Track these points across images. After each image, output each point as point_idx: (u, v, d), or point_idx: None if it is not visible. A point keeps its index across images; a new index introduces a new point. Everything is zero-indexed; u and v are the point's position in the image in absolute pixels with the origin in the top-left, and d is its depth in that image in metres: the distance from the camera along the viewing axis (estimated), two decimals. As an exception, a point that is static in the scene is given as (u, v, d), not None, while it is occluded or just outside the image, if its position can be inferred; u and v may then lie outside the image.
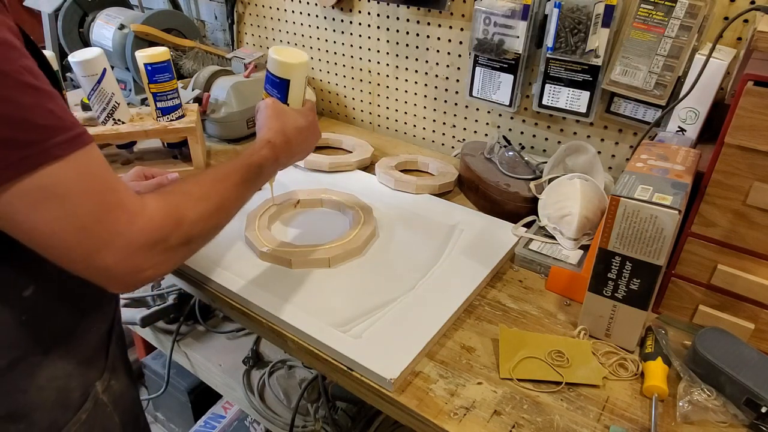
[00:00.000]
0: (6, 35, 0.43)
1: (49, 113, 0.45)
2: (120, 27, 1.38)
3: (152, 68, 1.04)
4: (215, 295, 0.82)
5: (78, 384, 0.63)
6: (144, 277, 0.52)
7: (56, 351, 0.60)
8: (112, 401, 0.67)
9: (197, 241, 0.57)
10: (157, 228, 0.51)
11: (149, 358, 1.59)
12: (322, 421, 1.15)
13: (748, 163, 0.63)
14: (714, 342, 0.66)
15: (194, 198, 0.57)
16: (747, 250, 0.67)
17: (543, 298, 0.81)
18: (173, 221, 0.53)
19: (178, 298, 1.37)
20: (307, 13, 1.37)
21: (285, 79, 0.78)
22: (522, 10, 0.98)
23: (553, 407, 0.64)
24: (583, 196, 0.87)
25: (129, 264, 0.50)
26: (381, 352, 0.68)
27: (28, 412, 0.58)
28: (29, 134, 0.44)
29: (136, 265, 0.51)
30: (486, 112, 1.19)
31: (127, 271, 0.50)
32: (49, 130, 0.45)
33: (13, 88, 0.43)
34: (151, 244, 0.51)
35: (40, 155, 0.44)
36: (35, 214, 0.46)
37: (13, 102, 0.43)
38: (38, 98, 0.45)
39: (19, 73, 0.43)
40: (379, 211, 0.99)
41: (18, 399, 0.57)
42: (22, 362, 0.56)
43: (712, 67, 0.77)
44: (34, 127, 0.44)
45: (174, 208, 0.54)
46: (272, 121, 0.74)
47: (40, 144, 0.44)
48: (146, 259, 0.51)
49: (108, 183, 0.49)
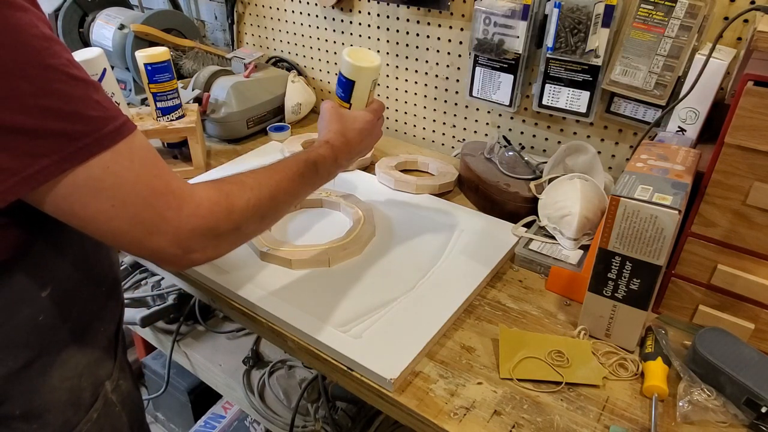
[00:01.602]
0: (47, 30, 0.44)
1: (97, 104, 0.46)
2: (120, 27, 1.38)
3: (152, 68, 1.04)
4: (215, 295, 0.82)
5: (89, 384, 0.63)
6: (195, 258, 0.54)
7: (68, 351, 0.60)
8: (120, 401, 0.68)
9: (247, 229, 0.59)
10: (205, 215, 0.53)
11: (149, 358, 1.59)
12: (322, 421, 1.15)
13: (748, 163, 0.63)
14: (714, 342, 0.66)
15: (246, 187, 0.58)
16: (747, 250, 0.67)
17: (543, 298, 0.81)
18: (223, 209, 0.54)
19: (178, 298, 1.36)
20: (307, 13, 1.37)
21: (351, 80, 0.79)
22: (522, 10, 0.98)
23: (553, 407, 0.64)
24: (583, 196, 0.87)
25: (179, 247, 0.52)
26: (381, 352, 0.68)
27: (42, 412, 0.58)
28: (81, 126, 0.45)
29: (187, 248, 0.52)
30: (486, 112, 1.19)
31: (177, 254, 0.52)
32: (98, 120, 0.46)
33: (63, 82, 0.44)
34: (201, 230, 0.52)
35: (92, 146, 0.45)
36: (90, 204, 0.47)
37: (64, 95, 0.44)
38: (85, 90, 0.46)
39: (65, 66, 0.44)
40: (379, 211, 0.99)
41: (32, 399, 0.57)
42: (37, 362, 0.57)
43: (712, 67, 0.77)
44: (84, 118, 0.45)
45: (224, 196, 0.55)
46: (332, 123, 0.77)
47: (91, 135, 0.45)
48: (196, 244, 0.53)
49: (156, 169, 0.50)
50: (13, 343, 0.54)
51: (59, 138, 0.44)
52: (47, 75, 0.43)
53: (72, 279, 0.59)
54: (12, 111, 0.42)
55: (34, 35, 0.43)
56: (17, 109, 0.42)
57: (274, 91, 1.33)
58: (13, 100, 0.42)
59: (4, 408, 0.55)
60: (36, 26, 0.43)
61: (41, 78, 0.43)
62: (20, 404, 0.56)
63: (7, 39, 0.41)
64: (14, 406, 0.56)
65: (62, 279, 0.58)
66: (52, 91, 0.43)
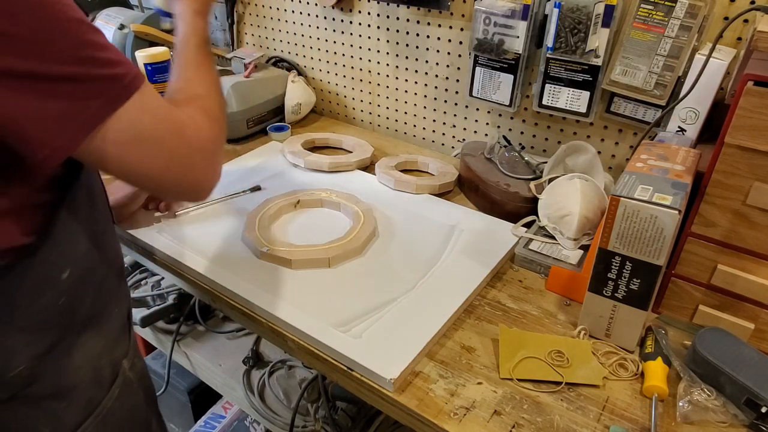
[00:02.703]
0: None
1: (118, 52, 0.50)
2: (120, 27, 1.38)
3: (152, 68, 1.05)
4: (215, 295, 0.82)
5: (108, 362, 0.66)
6: (220, 173, 0.62)
7: (88, 332, 0.62)
8: (137, 378, 0.72)
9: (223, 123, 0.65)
10: (208, 128, 0.59)
11: (149, 358, 1.59)
12: (322, 421, 1.15)
13: (748, 163, 0.63)
14: (714, 342, 0.66)
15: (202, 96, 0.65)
16: (747, 250, 0.67)
17: (543, 298, 0.81)
18: (209, 119, 0.61)
19: (178, 298, 1.36)
20: (307, 13, 1.37)
21: None
22: (522, 10, 0.98)
23: (553, 407, 0.64)
24: (583, 196, 0.87)
25: (210, 171, 0.60)
26: (381, 352, 0.68)
27: (70, 391, 0.61)
28: (119, 69, 0.49)
29: (215, 168, 0.61)
30: (486, 112, 1.19)
31: (210, 177, 0.60)
32: (128, 65, 0.50)
33: (92, 33, 0.47)
34: (217, 145, 0.60)
35: (130, 85, 0.49)
36: (125, 153, 0.51)
37: (97, 45, 0.47)
38: (107, 41, 0.49)
39: (86, 20, 0.48)
40: (379, 211, 0.99)
41: (60, 379, 0.60)
42: (61, 344, 0.59)
43: (712, 67, 0.77)
44: (117, 63, 0.49)
45: (201, 109, 0.61)
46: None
47: (126, 76, 0.49)
48: (218, 158, 0.61)
49: (168, 109, 0.55)
50: (39, 326, 0.56)
51: (103, 81, 0.47)
52: (80, 27, 0.46)
53: (87, 261, 0.61)
54: (58, 62, 0.45)
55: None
56: (63, 59, 0.45)
57: (274, 91, 1.33)
58: (58, 53, 0.44)
59: (35, 388, 0.57)
60: None
61: (75, 30, 0.46)
62: (49, 384, 0.59)
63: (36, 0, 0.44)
64: (44, 386, 0.58)
65: (78, 261, 0.59)
66: (86, 41, 0.46)
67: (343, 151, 1.25)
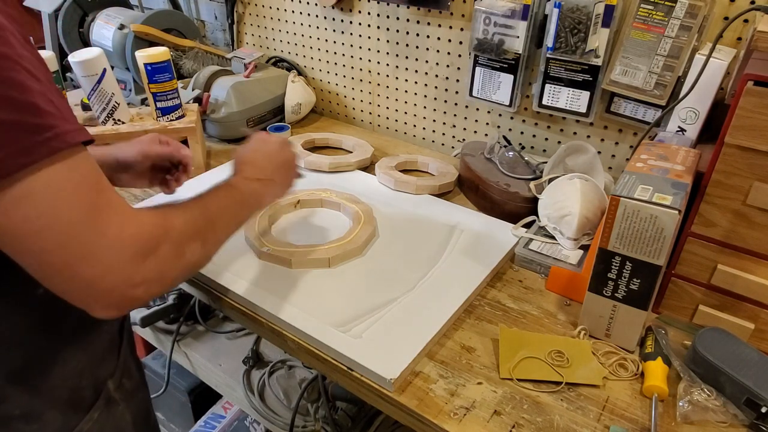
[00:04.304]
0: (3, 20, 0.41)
1: (51, 103, 0.43)
2: (120, 27, 1.38)
3: (152, 68, 1.04)
4: (215, 295, 0.82)
5: (89, 383, 0.63)
6: (135, 294, 0.47)
7: (69, 350, 0.60)
8: (123, 400, 0.68)
9: (191, 253, 0.54)
10: (148, 235, 0.47)
11: (149, 358, 1.59)
12: (322, 421, 1.15)
13: (748, 163, 0.63)
14: (714, 342, 0.66)
15: (179, 209, 0.55)
16: (747, 250, 0.67)
17: (543, 298, 0.81)
18: (162, 229, 0.50)
19: (178, 298, 1.37)
20: (307, 13, 1.37)
21: None
22: (522, 10, 0.98)
23: (553, 407, 0.64)
24: (583, 196, 0.87)
25: (118, 276, 0.45)
26: (381, 352, 0.68)
27: (42, 412, 0.58)
28: (35, 119, 0.41)
29: (127, 277, 0.45)
30: (486, 112, 1.19)
31: (115, 285, 0.45)
32: (56, 117, 0.43)
33: (16, 71, 0.40)
34: (143, 253, 0.46)
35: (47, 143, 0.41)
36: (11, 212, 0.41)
37: (18, 84, 0.40)
38: (43, 88, 0.43)
39: (20, 57, 0.41)
40: (379, 211, 0.99)
41: (32, 399, 0.57)
42: (36, 361, 0.56)
43: (712, 67, 0.77)
44: (39, 113, 0.42)
45: (162, 216, 0.51)
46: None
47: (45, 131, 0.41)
48: (138, 272, 0.46)
49: (99, 184, 0.46)
50: (9, 342, 0.54)
51: (14, 130, 0.40)
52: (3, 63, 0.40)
53: None
54: None
55: None
56: None
57: (274, 91, 1.33)
58: None
59: (4, 407, 0.55)
60: None
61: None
62: (20, 404, 0.56)
63: None
64: (14, 405, 0.56)
65: None
66: (3, 79, 0.40)
67: (343, 151, 1.25)
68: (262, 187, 0.72)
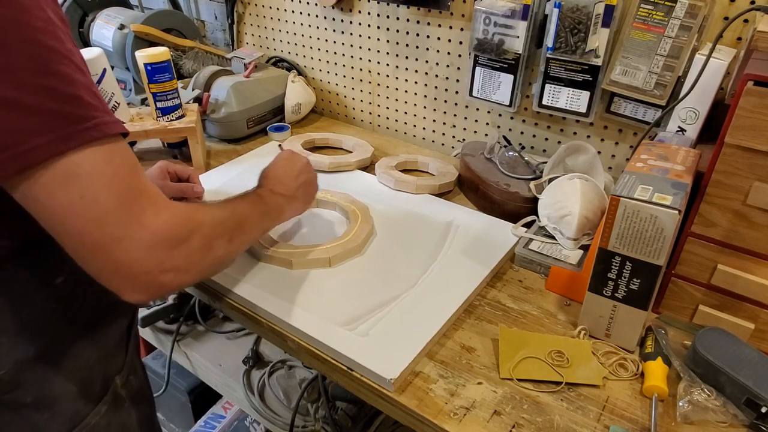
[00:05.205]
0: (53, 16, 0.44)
1: (95, 96, 0.46)
2: (120, 27, 1.38)
3: (152, 68, 1.04)
4: (215, 295, 0.82)
5: (99, 376, 0.64)
6: (164, 280, 0.49)
7: (81, 342, 0.61)
8: (129, 397, 0.69)
9: (218, 248, 0.56)
10: (180, 224, 0.50)
11: (149, 358, 1.58)
12: (322, 421, 1.15)
13: (748, 163, 0.63)
14: (714, 342, 0.66)
15: (210, 207, 0.60)
16: (747, 250, 0.67)
17: (543, 298, 0.81)
18: (194, 221, 0.52)
19: (178, 298, 1.37)
20: (307, 13, 1.37)
21: None
22: (522, 10, 0.98)
23: (553, 407, 0.64)
24: (583, 196, 0.87)
25: (149, 261, 0.47)
26: (381, 352, 0.68)
27: (53, 402, 0.59)
28: (81, 110, 0.44)
29: (158, 262, 0.48)
30: (486, 112, 1.19)
31: (146, 269, 0.47)
32: (97, 109, 0.45)
33: (64, 65, 0.43)
34: (175, 241, 0.49)
35: (90, 131, 0.44)
36: (56, 193, 0.44)
37: (65, 77, 0.43)
38: (87, 80, 0.46)
39: (68, 53, 0.44)
40: (379, 211, 0.99)
41: (44, 387, 0.58)
42: (50, 351, 0.57)
43: (712, 67, 0.77)
44: (84, 104, 0.44)
45: (194, 210, 0.54)
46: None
47: (89, 120, 0.44)
48: (168, 258, 0.48)
49: (138, 172, 0.49)
50: (26, 330, 0.55)
51: (56, 118, 0.43)
52: (48, 55, 0.42)
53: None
54: (8, 85, 0.41)
55: (37, 16, 0.43)
56: (14, 83, 0.41)
57: (274, 91, 1.33)
58: (9, 75, 0.41)
59: (16, 394, 0.56)
60: (42, 9, 0.43)
61: (41, 57, 0.42)
62: (32, 392, 0.57)
63: (8, 13, 0.41)
64: (26, 393, 0.56)
65: (76, 268, 0.57)
66: (52, 71, 0.42)
67: (343, 151, 1.25)
68: (286, 202, 0.77)
